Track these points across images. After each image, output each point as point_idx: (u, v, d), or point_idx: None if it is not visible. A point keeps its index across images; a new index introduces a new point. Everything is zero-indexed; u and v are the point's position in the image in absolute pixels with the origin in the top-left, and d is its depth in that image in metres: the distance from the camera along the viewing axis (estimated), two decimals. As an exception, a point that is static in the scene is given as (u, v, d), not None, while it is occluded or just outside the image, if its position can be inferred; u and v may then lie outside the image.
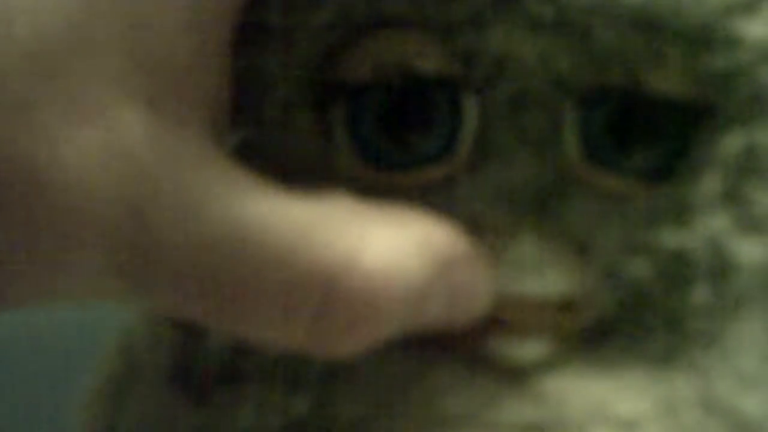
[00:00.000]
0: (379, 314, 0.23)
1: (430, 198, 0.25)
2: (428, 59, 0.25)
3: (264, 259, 0.23)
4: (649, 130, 0.26)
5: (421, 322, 0.24)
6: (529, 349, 0.26)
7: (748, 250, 0.26)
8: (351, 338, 0.23)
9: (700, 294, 0.26)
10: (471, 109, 0.25)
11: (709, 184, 0.26)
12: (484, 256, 0.25)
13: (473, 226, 0.26)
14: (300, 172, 0.25)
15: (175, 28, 0.23)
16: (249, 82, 0.25)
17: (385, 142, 0.25)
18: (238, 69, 0.25)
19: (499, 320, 0.26)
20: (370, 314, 0.23)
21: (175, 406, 0.26)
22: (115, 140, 0.22)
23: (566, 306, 0.26)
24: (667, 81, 0.25)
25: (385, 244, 0.23)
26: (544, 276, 0.26)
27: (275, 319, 0.23)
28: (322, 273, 0.23)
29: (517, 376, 0.26)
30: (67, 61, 0.22)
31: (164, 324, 0.27)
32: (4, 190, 0.22)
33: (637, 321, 0.26)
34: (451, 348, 0.26)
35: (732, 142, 0.26)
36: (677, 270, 0.26)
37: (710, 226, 0.26)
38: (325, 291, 0.23)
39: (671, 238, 0.26)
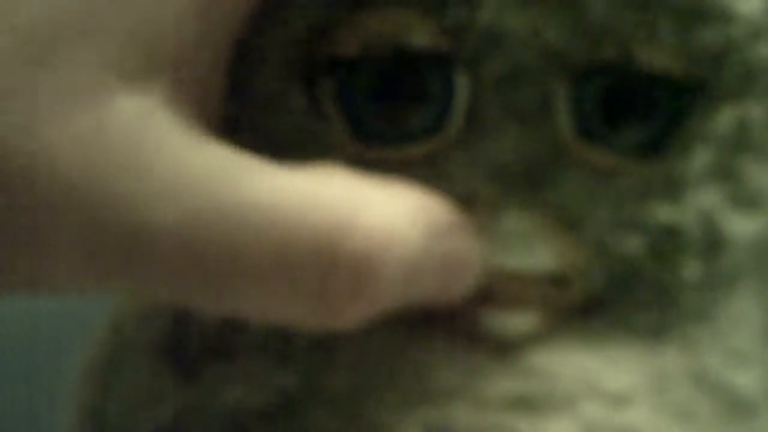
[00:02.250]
0: (380, 276, 0.23)
1: (420, 173, 0.25)
2: (418, 35, 0.25)
3: (262, 229, 0.22)
4: (642, 106, 0.26)
5: (417, 294, 0.24)
6: (518, 323, 0.26)
7: (740, 226, 0.26)
8: (355, 304, 0.23)
9: (692, 269, 0.26)
10: (462, 84, 0.25)
11: (701, 159, 0.26)
12: (474, 227, 0.25)
13: (463, 200, 0.26)
14: (291, 149, 0.25)
15: (183, 14, 0.23)
16: (240, 59, 0.25)
17: (377, 117, 0.25)
18: None
19: (487, 294, 0.26)
20: (372, 276, 0.23)
21: (165, 381, 0.27)
22: (105, 125, 0.23)
23: (556, 281, 0.26)
24: (659, 56, 0.25)
25: (382, 210, 0.23)
26: (533, 251, 0.25)
27: (279, 290, 0.23)
28: (325, 236, 0.23)
29: (506, 350, 0.26)
30: (61, 49, 0.23)
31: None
32: None
33: (628, 296, 0.26)
34: (439, 322, 0.26)
35: (724, 118, 0.26)
36: (669, 245, 0.26)
37: (702, 202, 0.26)
38: (328, 254, 0.23)
39: (663, 214, 0.26)
